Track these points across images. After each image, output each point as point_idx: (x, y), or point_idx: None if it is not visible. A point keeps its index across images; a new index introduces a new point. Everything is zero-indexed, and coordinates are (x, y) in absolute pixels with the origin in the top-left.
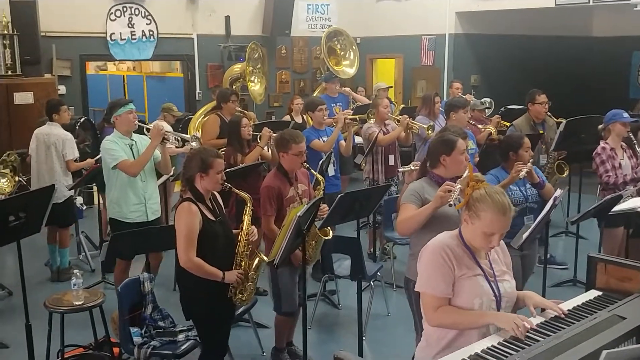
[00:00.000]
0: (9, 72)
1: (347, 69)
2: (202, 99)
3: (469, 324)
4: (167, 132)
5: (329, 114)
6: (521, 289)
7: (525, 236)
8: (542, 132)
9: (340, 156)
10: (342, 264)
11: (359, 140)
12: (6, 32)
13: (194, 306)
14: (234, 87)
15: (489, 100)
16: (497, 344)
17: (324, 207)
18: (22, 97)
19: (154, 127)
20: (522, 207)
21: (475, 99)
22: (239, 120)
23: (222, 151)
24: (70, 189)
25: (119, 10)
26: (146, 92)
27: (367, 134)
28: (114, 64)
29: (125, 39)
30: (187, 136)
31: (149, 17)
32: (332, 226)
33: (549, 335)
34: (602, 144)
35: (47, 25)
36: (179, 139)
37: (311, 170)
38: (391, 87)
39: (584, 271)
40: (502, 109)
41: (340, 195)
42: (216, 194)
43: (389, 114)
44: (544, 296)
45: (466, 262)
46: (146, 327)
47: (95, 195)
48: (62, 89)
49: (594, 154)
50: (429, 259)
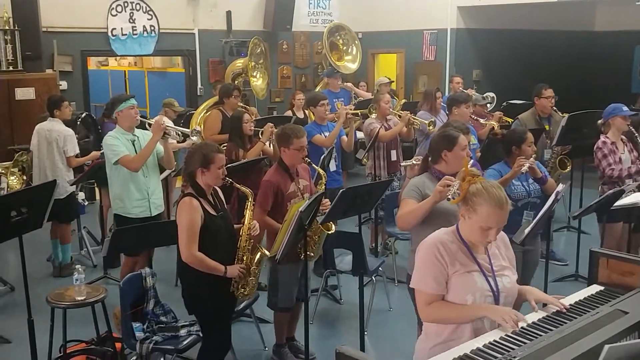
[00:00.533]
0: (11, 68)
1: (350, 64)
2: (204, 94)
3: (461, 318)
4: (168, 126)
5: (331, 109)
6: (528, 284)
7: (527, 231)
8: (547, 127)
9: (341, 151)
10: (344, 259)
11: (360, 135)
12: (7, 27)
13: (196, 301)
14: (236, 82)
15: (492, 95)
16: (500, 338)
17: (326, 202)
18: (24, 93)
19: (155, 122)
20: (524, 202)
21: (477, 94)
22: (240, 115)
23: (224, 146)
24: (71, 185)
25: (120, 5)
26: (147, 87)
27: (368, 129)
28: (115, 60)
29: (126, 35)
30: (188, 130)
31: (150, 13)
32: (334, 221)
33: (551, 330)
34: (602, 138)
35: (49, 20)
36: (180, 133)
37: (313, 165)
38: (393, 82)
39: (585, 266)
40: (504, 104)
41: (342, 190)
42: (217, 189)
43: (391, 109)
44: (545, 291)
45: (460, 259)
46: (148, 322)
47: (96, 190)
48: (64, 85)
49: (595, 148)
50: (422, 256)
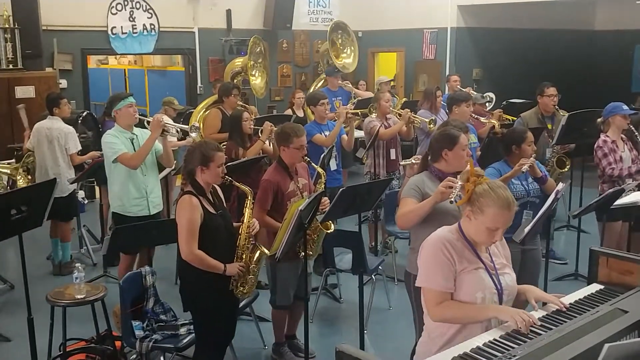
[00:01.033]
0: (11, 66)
1: (347, 61)
2: (204, 93)
3: (472, 318)
4: (166, 123)
5: (330, 108)
6: (535, 284)
7: (527, 230)
8: (550, 126)
9: (341, 150)
10: (344, 258)
11: (360, 134)
12: (7, 25)
13: (195, 299)
14: (235, 81)
15: (492, 96)
16: (499, 337)
17: (325, 201)
18: (24, 91)
19: (154, 119)
20: (524, 201)
21: (475, 93)
22: (240, 114)
23: (224, 145)
24: (71, 183)
25: (120, 4)
26: (147, 86)
27: (368, 128)
28: (115, 58)
29: (126, 33)
30: (187, 127)
31: (150, 11)
32: (334, 220)
33: (551, 328)
34: (602, 136)
35: (49, 19)
36: (179, 130)
37: (312, 164)
38: (393, 80)
39: (585, 265)
40: (504, 103)
41: (341, 189)
42: (217, 188)
43: (391, 108)
44: (545, 290)
45: (467, 256)
46: (148, 321)
47: (96, 189)
48: (64, 83)
49: (595, 146)
50: (429, 254)
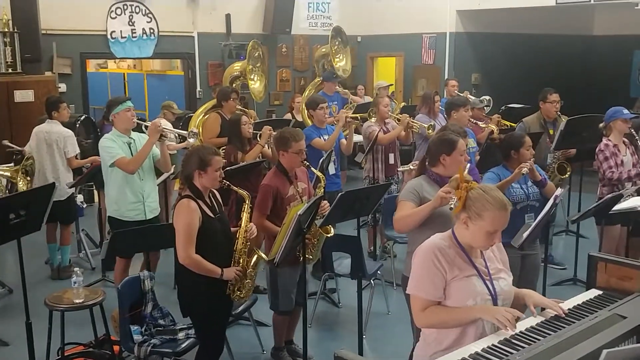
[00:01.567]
0: (10, 70)
1: (341, 64)
2: (203, 97)
3: (457, 321)
4: (164, 129)
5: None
6: (533, 289)
7: (525, 235)
8: (552, 132)
9: (340, 153)
10: (343, 263)
11: (358, 138)
12: (7, 29)
13: (192, 303)
14: (234, 85)
15: (488, 98)
16: (498, 342)
17: (325, 204)
18: (23, 95)
19: (152, 124)
20: (523, 205)
21: (473, 97)
22: (239, 118)
23: (223, 149)
24: (70, 187)
25: (119, 8)
26: (147, 90)
27: (367, 132)
28: (115, 62)
29: (125, 37)
30: (185, 132)
31: (150, 15)
32: (333, 224)
33: (549, 334)
34: (605, 140)
35: (48, 22)
36: (177, 135)
37: (312, 168)
38: (392, 85)
39: (584, 270)
40: (503, 108)
41: (340, 193)
42: (215, 192)
43: (390, 113)
44: (544, 295)
45: (458, 264)
46: (146, 325)
47: (95, 193)
48: (63, 87)
49: (597, 150)
50: (420, 262)
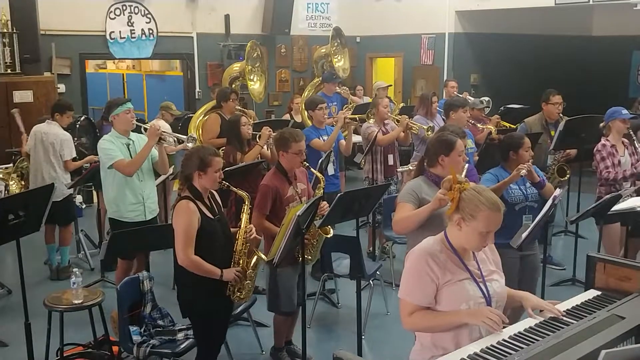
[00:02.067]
0: (9, 71)
1: (340, 64)
2: (202, 98)
3: (442, 326)
4: (163, 132)
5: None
6: (532, 291)
7: (524, 235)
8: (553, 133)
9: (339, 154)
10: (342, 263)
11: (358, 139)
12: (6, 30)
13: (192, 304)
14: (234, 85)
15: (487, 99)
16: (497, 343)
17: (324, 205)
18: (22, 96)
19: (151, 127)
20: (522, 206)
21: (473, 98)
22: (238, 118)
23: (222, 150)
24: (69, 188)
25: (118, 8)
26: (146, 90)
27: (366, 133)
28: (114, 63)
29: (124, 38)
30: (184, 137)
31: (149, 16)
32: (332, 225)
33: (548, 334)
34: (603, 140)
35: (47, 23)
36: (176, 139)
37: (311, 169)
38: (391, 86)
39: (583, 270)
40: (502, 108)
41: (339, 194)
42: (214, 193)
43: (389, 114)
44: (543, 295)
45: (450, 268)
46: (145, 326)
47: (94, 194)
48: (62, 88)
49: (594, 150)
50: (411, 267)
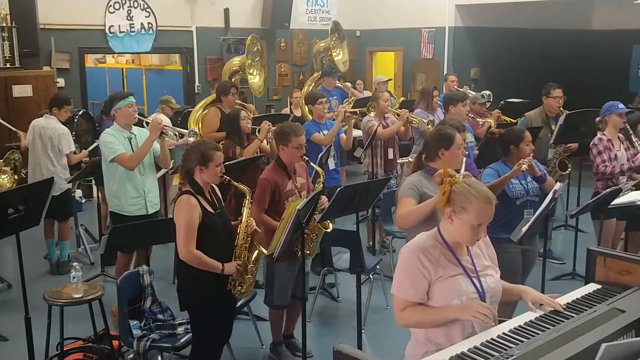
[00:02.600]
0: (8, 65)
1: (339, 58)
2: (201, 92)
3: (433, 322)
4: (165, 126)
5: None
6: (522, 283)
7: (524, 229)
8: (554, 127)
9: (339, 148)
10: (342, 257)
11: (358, 133)
12: (5, 24)
13: (193, 298)
14: (233, 79)
15: (488, 93)
16: (496, 336)
17: (324, 199)
18: (21, 90)
19: (153, 121)
20: (523, 201)
21: (474, 92)
22: (238, 112)
23: (222, 144)
24: (68, 182)
25: (117, 2)
26: (145, 84)
27: (366, 127)
28: (113, 57)
29: (124, 32)
30: (185, 131)
31: (148, 10)
32: (332, 219)
33: (548, 328)
34: (599, 134)
35: (46, 17)
36: (177, 133)
37: (311, 163)
38: (391, 79)
39: (583, 264)
40: (502, 102)
41: (339, 188)
42: (215, 187)
43: (389, 108)
44: (543, 289)
45: (443, 263)
46: (145, 320)
47: (94, 188)
48: (61, 82)
49: (590, 144)
50: (403, 264)
